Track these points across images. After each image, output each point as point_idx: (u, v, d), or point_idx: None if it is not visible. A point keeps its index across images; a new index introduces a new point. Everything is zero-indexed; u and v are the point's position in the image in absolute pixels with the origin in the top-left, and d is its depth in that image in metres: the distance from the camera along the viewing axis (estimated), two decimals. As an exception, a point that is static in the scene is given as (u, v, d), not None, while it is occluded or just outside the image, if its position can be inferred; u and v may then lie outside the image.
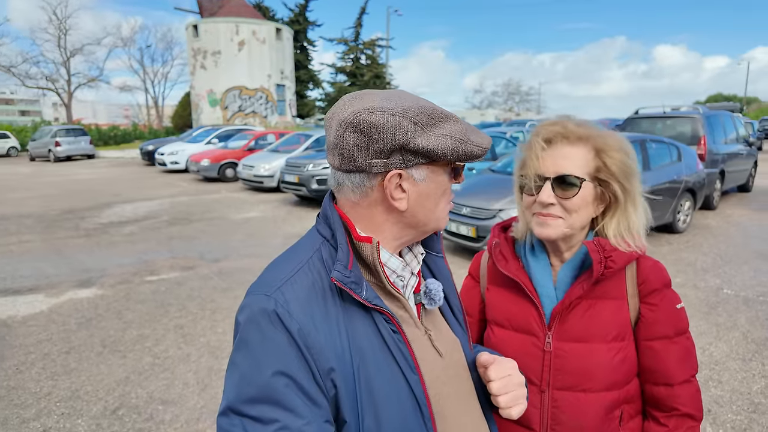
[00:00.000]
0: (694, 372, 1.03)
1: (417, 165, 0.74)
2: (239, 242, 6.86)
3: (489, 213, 5.32)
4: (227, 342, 3.72)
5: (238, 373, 0.68)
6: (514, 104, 70.33)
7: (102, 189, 12.63)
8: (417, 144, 0.71)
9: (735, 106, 25.96)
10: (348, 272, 0.71)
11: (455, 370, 0.84)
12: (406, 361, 0.74)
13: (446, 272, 0.92)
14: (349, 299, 0.74)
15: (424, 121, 0.71)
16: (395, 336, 0.75)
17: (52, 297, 4.77)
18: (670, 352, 1.01)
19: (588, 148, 1.00)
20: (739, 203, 9.24)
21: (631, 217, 1.02)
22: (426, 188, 0.75)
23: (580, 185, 0.98)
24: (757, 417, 2.71)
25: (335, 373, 0.68)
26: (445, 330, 0.88)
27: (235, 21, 26.10)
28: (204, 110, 26.60)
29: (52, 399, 2.98)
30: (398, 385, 0.73)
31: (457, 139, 0.72)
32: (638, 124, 9.19)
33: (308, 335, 0.68)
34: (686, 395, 1.02)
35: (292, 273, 0.73)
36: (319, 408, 0.66)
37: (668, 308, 1.01)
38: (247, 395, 0.65)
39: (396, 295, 0.78)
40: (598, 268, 0.97)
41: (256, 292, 0.72)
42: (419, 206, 0.76)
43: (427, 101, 0.76)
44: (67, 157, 22.75)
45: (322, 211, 0.82)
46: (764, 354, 3.42)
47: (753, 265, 5.40)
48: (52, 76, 36.80)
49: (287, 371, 0.65)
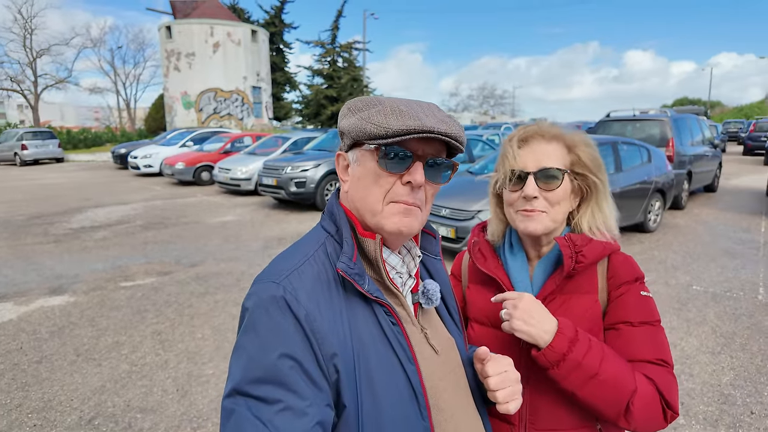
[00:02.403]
0: (661, 357, 0.98)
1: (351, 147, 0.80)
2: (216, 246, 6.76)
3: (468, 214, 5.39)
4: (206, 348, 3.66)
5: (245, 355, 0.69)
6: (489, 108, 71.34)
7: (72, 193, 12.26)
8: (340, 125, 0.81)
9: (700, 109, 26.90)
10: (353, 264, 0.75)
11: (450, 367, 0.86)
12: (404, 351, 0.77)
13: (444, 275, 0.95)
14: (351, 291, 0.76)
15: (356, 107, 0.79)
16: (394, 328, 0.77)
17: (21, 305, 4.60)
18: (633, 334, 1.00)
19: (561, 145, 1.07)
20: (706, 203, 9.59)
21: (604, 209, 1.09)
22: (358, 171, 0.80)
23: (562, 177, 1.04)
24: (727, 408, 2.81)
25: (337, 359, 0.70)
26: (441, 329, 0.90)
27: (210, 22, 25.75)
28: (178, 112, 26.12)
29: (23, 410, 2.88)
30: (396, 374, 0.75)
31: (363, 118, 0.76)
32: (610, 127, 9.45)
33: (314, 321, 0.70)
34: (654, 371, 0.96)
35: (299, 264, 0.76)
36: (321, 391, 0.68)
37: (633, 295, 1.03)
38: (253, 376, 0.67)
39: (395, 291, 0.81)
40: (569, 263, 1.01)
41: (265, 280, 0.74)
42: (354, 190, 0.81)
43: (411, 102, 0.79)
44: (35, 160, 22.01)
45: (328, 208, 0.85)
46: (732, 347, 3.56)
47: (720, 263, 5.61)
48: (17, 78, 35.57)
49: (293, 354, 0.67)
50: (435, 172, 0.79)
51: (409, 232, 0.78)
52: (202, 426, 2.71)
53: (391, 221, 0.77)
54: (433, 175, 0.79)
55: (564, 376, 0.93)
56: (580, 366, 0.92)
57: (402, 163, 0.75)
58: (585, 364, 0.92)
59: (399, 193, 0.77)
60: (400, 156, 0.75)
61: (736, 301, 4.45)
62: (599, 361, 0.93)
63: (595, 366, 0.92)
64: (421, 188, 0.78)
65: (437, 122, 0.74)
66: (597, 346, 0.95)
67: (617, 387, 0.93)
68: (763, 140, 19.61)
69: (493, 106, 72.03)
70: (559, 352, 0.92)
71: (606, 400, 0.93)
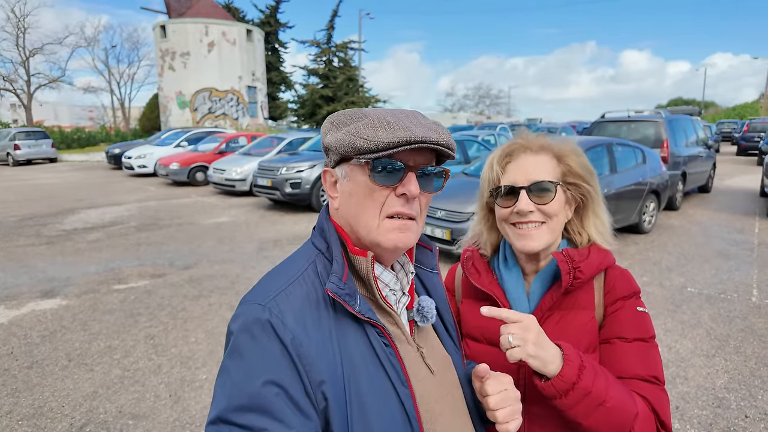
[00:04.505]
0: (654, 375, 0.97)
1: (338, 163, 0.78)
2: (210, 248, 6.72)
3: (463, 216, 5.38)
4: (200, 352, 3.63)
5: (229, 381, 0.67)
6: (485, 107, 71.46)
7: (65, 194, 12.16)
8: (325, 141, 0.79)
9: (694, 110, 27.07)
10: (342, 284, 0.72)
11: (447, 387, 0.84)
12: (397, 374, 0.74)
13: (441, 289, 0.93)
14: (342, 311, 0.74)
15: (340, 121, 0.77)
16: (387, 350, 0.75)
17: (12, 309, 4.55)
18: (626, 350, 0.98)
19: (550, 156, 1.05)
20: (700, 204, 9.63)
21: (601, 216, 1.07)
22: (348, 187, 0.77)
23: (555, 190, 1.01)
24: (722, 412, 2.82)
25: (326, 385, 0.68)
26: (438, 347, 0.88)
27: (204, 22, 25.63)
28: (173, 112, 25.99)
29: (13, 417, 2.84)
30: (389, 398, 0.73)
31: (350, 132, 0.74)
32: (605, 128, 9.47)
33: (301, 346, 0.68)
34: (648, 390, 0.95)
35: (287, 284, 0.73)
36: (309, 419, 0.66)
37: (629, 311, 1.01)
38: (237, 403, 0.65)
39: (388, 310, 0.78)
40: (567, 279, 0.99)
41: (251, 302, 0.71)
42: (346, 207, 0.78)
43: (396, 112, 0.77)
44: (28, 160, 21.84)
45: (318, 224, 0.83)
46: (726, 350, 3.56)
47: (714, 264, 5.63)
48: (9, 77, 35.24)
49: (278, 381, 0.65)
50: (427, 181, 0.78)
51: (406, 247, 0.77)
52: (194, 432, 2.69)
53: (388, 237, 0.75)
54: (426, 185, 0.77)
55: (571, 405, 0.88)
56: (589, 394, 0.87)
57: (394, 175, 0.73)
58: (594, 392, 0.87)
59: (394, 206, 0.75)
60: (392, 168, 0.73)
61: (730, 303, 4.46)
62: (606, 387, 0.89)
63: (603, 393, 0.88)
64: (416, 199, 0.76)
65: (426, 131, 0.72)
66: (601, 371, 0.91)
67: (623, 413, 0.89)
68: (756, 141, 19.74)
69: (488, 106, 72.23)
70: (569, 381, 0.87)
71: (611, 427, 0.89)
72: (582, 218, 1.08)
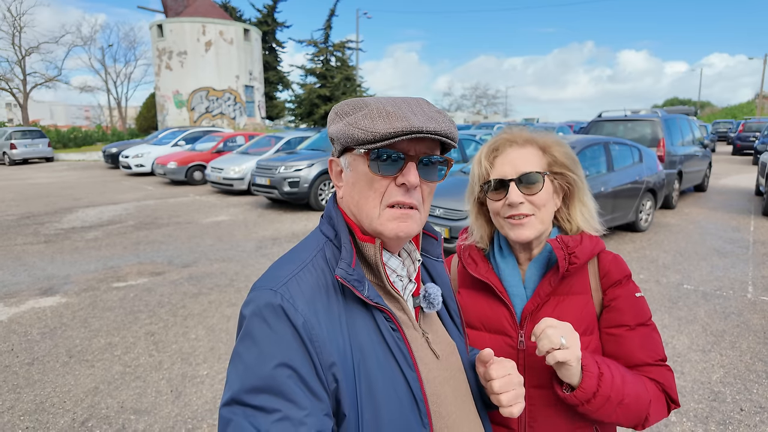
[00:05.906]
0: (659, 357, 1.03)
1: (342, 153, 0.80)
2: (209, 246, 6.73)
3: (461, 214, 5.41)
4: (200, 348, 3.65)
5: (242, 364, 0.69)
6: (482, 107, 71.54)
7: (62, 193, 12.14)
8: (329, 131, 0.80)
9: (690, 109, 27.13)
10: (351, 270, 0.74)
11: (452, 372, 0.86)
12: (404, 358, 0.76)
13: (445, 277, 0.94)
14: (350, 297, 0.76)
15: (343, 111, 0.78)
16: (395, 334, 0.77)
17: (11, 306, 4.56)
18: (631, 338, 1.03)
19: (536, 148, 1.09)
20: (696, 202, 9.69)
21: (587, 203, 1.12)
22: (351, 177, 0.79)
23: (543, 180, 1.05)
24: (717, 405, 2.85)
25: (336, 368, 0.70)
26: (443, 333, 0.89)
27: (202, 21, 25.58)
28: (170, 111, 25.94)
29: (15, 412, 2.85)
30: (397, 381, 0.74)
31: (349, 123, 0.75)
32: (602, 127, 9.52)
33: (312, 329, 0.69)
34: (656, 372, 1.02)
35: (297, 270, 0.75)
36: (320, 401, 0.67)
37: (628, 298, 1.06)
38: (250, 385, 0.66)
39: (395, 295, 0.80)
40: (563, 264, 1.02)
41: (262, 287, 0.73)
42: (349, 196, 0.80)
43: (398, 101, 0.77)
44: (24, 160, 21.77)
45: (326, 212, 0.84)
46: (722, 345, 3.60)
47: (710, 261, 5.68)
48: (5, 76, 35.07)
49: (290, 363, 0.67)
50: (429, 170, 0.77)
51: (408, 236, 0.77)
52: (197, 427, 2.70)
53: (389, 227, 0.75)
54: (427, 174, 0.77)
55: (593, 411, 0.94)
56: (610, 399, 0.93)
57: (394, 165, 0.74)
58: (613, 395, 0.93)
59: (394, 195, 0.75)
60: (391, 158, 0.74)
61: (726, 299, 4.50)
62: (622, 386, 0.94)
63: (620, 393, 0.94)
64: (416, 188, 0.76)
65: (426, 120, 0.72)
66: (615, 370, 0.96)
67: (639, 404, 0.96)
68: (751, 140, 19.85)
69: (486, 105, 72.22)
70: (590, 392, 0.92)
71: (629, 418, 0.97)
72: (569, 206, 1.11)
